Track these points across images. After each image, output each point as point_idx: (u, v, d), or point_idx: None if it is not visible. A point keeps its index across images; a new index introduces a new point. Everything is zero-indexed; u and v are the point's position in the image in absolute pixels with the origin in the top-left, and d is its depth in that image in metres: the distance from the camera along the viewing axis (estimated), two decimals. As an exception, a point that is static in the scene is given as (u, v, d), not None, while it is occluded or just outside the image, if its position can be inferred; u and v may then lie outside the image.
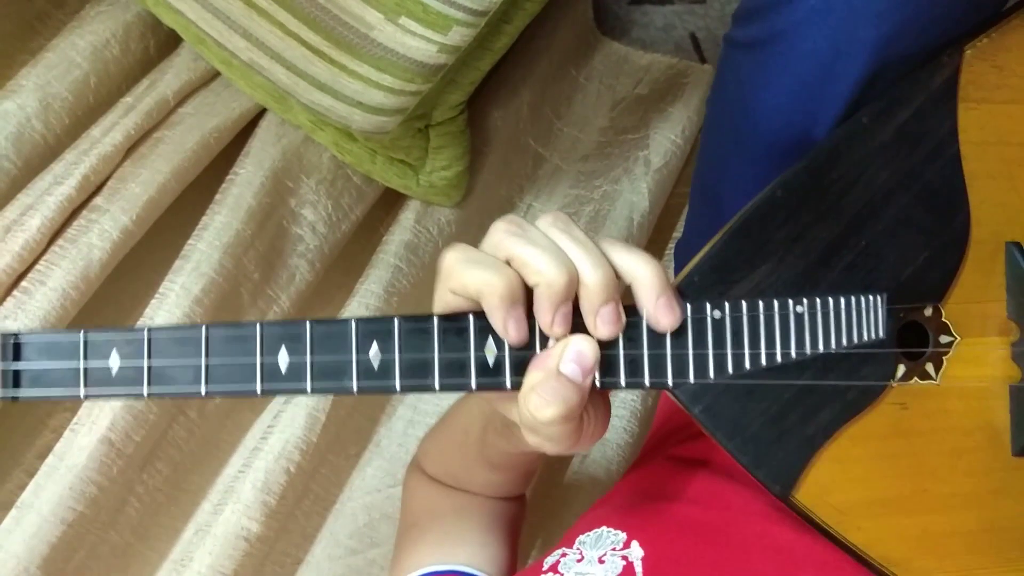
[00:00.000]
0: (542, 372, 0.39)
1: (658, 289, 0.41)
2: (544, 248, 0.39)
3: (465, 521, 0.60)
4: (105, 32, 0.79)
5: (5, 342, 0.39)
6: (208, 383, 0.39)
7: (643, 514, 0.54)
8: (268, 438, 0.76)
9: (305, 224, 0.83)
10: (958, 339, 0.46)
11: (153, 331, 0.39)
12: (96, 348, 0.39)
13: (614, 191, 0.97)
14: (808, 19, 0.52)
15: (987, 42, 0.47)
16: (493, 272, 0.39)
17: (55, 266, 0.71)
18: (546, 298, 0.39)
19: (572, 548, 0.52)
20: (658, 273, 0.41)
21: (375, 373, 0.40)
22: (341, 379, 0.40)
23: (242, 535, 0.72)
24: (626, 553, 0.50)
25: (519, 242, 0.40)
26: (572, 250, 0.40)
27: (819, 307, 0.43)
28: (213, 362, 0.39)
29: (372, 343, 0.40)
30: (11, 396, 0.39)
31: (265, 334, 0.40)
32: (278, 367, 0.39)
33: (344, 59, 0.72)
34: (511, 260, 0.40)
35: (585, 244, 0.40)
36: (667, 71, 1.04)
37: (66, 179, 0.73)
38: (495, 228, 0.41)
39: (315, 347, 0.40)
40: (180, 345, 0.39)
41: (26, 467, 0.72)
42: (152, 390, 0.39)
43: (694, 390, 0.42)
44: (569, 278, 0.39)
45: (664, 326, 0.41)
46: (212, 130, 0.80)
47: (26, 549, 0.65)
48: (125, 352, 0.39)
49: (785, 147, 0.57)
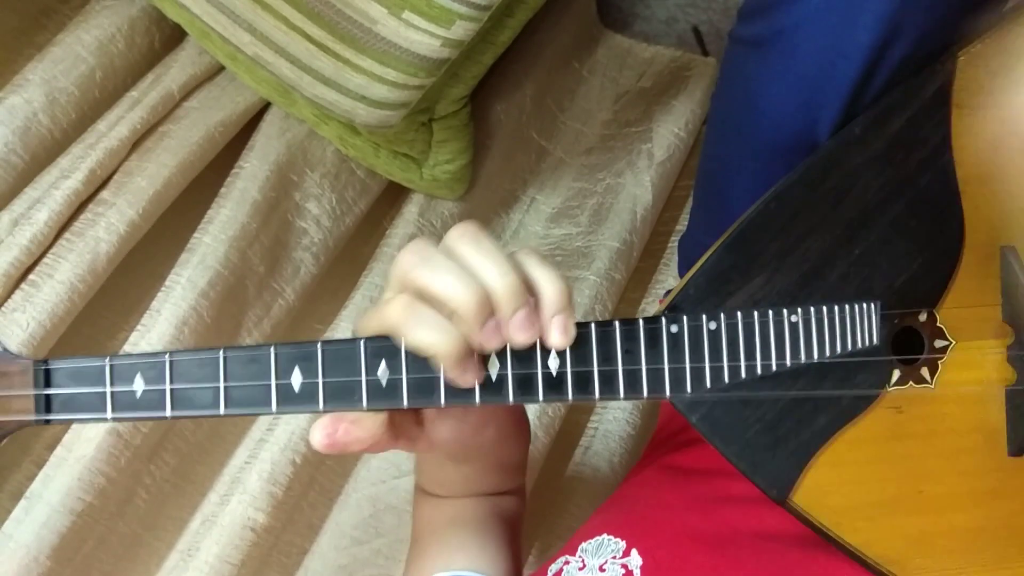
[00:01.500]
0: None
1: (556, 307, 0.41)
2: (447, 271, 0.39)
3: (460, 529, 0.61)
4: (110, 27, 0.79)
5: (36, 368, 0.41)
6: (227, 406, 0.41)
7: (643, 522, 0.55)
8: (274, 429, 0.77)
9: (309, 217, 0.84)
10: (953, 343, 0.46)
11: (174, 355, 0.41)
12: (121, 373, 0.41)
13: (617, 184, 0.97)
14: (812, 18, 0.53)
15: (981, 47, 0.48)
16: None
17: (62, 259, 0.72)
18: (465, 322, 0.39)
19: (575, 556, 0.53)
20: (561, 292, 0.41)
21: (383, 392, 0.41)
22: (351, 399, 0.41)
23: (249, 525, 0.73)
24: (626, 561, 0.51)
25: (423, 273, 0.40)
26: (478, 262, 0.40)
27: (813, 315, 0.44)
28: (231, 384, 0.41)
29: (380, 363, 0.41)
30: (44, 420, 0.41)
31: (279, 355, 0.41)
32: (292, 388, 0.41)
33: (348, 53, 0.73)
34: (421, 293, 0.40)
35: (491, 254, 0.40)
36: (670, 64, 1.04)
37: (73, 173, 0.73)
38: (397, 262, 0.41)
39: (326, 368, 0.41)
40: (200, 368, 0.41)
41: (35, 458, 0.73)
42: (175, 413, 0.41)
43: (691, 399, 0.43)
44: (478, 296, 0.39)
45: (554, 343, 0.41)
46: (217, 124, 0.80)
47: (36, 539, 0.66)
48: (149, 376, 0.41)
49: (788, 143, 0.57)
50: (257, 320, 0.80)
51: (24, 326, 0.68)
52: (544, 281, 0.41)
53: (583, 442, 0.87)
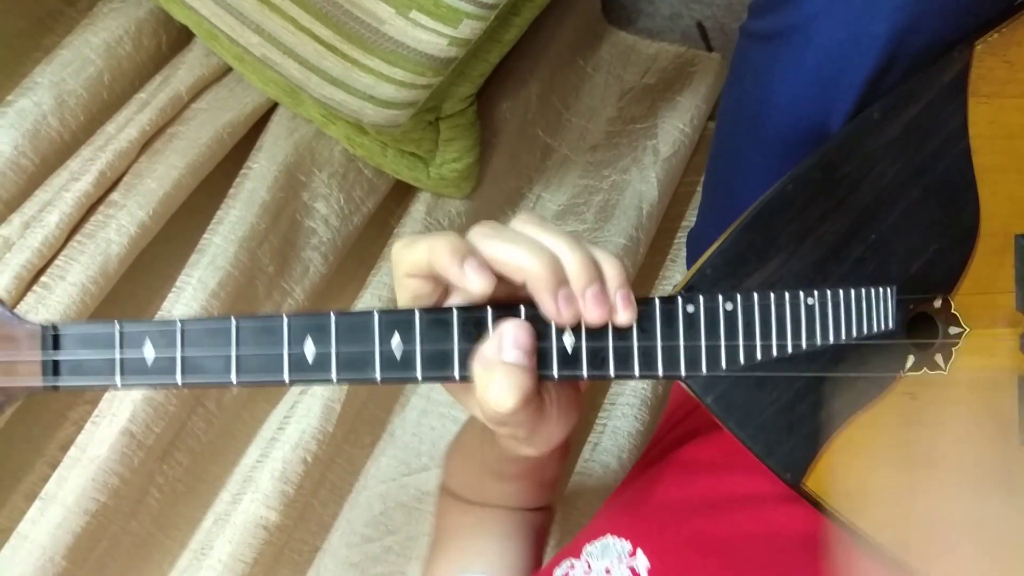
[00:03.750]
0: (487, 368, 0.40)
1: (619, 282, 0.42)
2: (520, 243, 0.40)
3: (483, 534, 0.61)
4: (118, 29, 0.79)
5: (45, 333, 0.40)
6: (239, 373, 0.40)
7: (649, 522, 0.54)
8: (285, 428, 0.77)
9: (318, 217, 0.84)
10: (967, 330, 0.47)
11: (185, 322, 0.40)
12: (131, 339, 0.40)
13: (623, 181, 0.97)
14: (824, 12, 0.53)
15: (998, 37, 0.48)
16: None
17: (74, 261, 0.72)
18: (540, 289, 0.40)
19: (579, 559, 0.53)
20: (621, 269, 0.42)
21: (397, 364, 0.41)
22: (365, 369, 0.41)
23: (261, 524, 0.73)
24: (632, 563, 0.51)
25: (496, 243, 0.41)
26: (547, 239, 0.41)
27: (830, 299, 0.44)
28: (243, 352, 0.40)
29: (394, 334, 0.41)
30: (52, 385, 0.40)
31: (292, 325, 0.40)
32: (305, 358, 0.40)
33: (356, 53, 0.73)
34: (492, 264, 0.40)
35: (559, 233, 0.41)
36: (675, 60, 1.04)
37: (83, 175, 0.74)
38: (471, 235, 0.41)
39: (339, 338, 0.41)
40: (211, 336, 0.40)
41: (48, 459, 0.74)
42: (186, 380, 0.40)
43: (706, 380, 0.43)
44: (551, 264, 0.40)
45: (621, 320, 0.42)
46: (225, 125, 0.80)
47: (51, 539, 0.66)
48: (159, 343, 0.40)
49: (800, 139, 0.57)
50: (267, 320, 0.81)
51: (37, 327, 0.68)
52: (603, 260, 0.42)
53: (591, 439, 0.87)
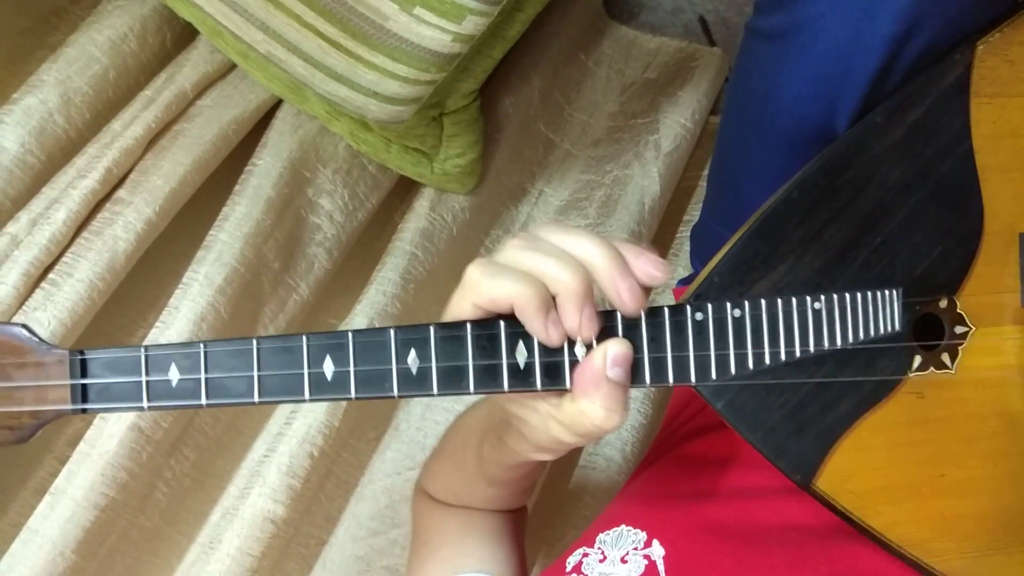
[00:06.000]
0: (594, 386, 0.41)
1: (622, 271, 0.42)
2: (556, 256, 0.41)
3: (471, 535, 0.62)
4: (122, 26, 0.79)
5: (72, 359, 0.41)
6: (261, 394, 0.41)
7: (662, 512, 0.55)
8: (292, 423, 0.78)
9: (322, 213, 0.85)
10: (973, 329, 0.47)
11: (208, 344, 0.41)
12: (156, 363, 0.41)
13: (625, 175, 0.98)
14: (830, 11, 0.53)
15: (999, 37, 0.48)
16: (525, 284, 0.40)
17: (81, 258, 0.72)
18: (569, 303, 0.41)
19: (593, 548, 0.54)
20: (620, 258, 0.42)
21: (414, 380, 0.42)
22: (382, 386, 0.42)
23: (268, 517, 0.74)
24: (648, 552, 0.51)
25: (532, 255, 0.41)
26: (578, 244, 0.41)
27: (836, 303, 0.45)
28: (264, 373, 0.41)
29: (410, 351, 0.42)
30: (81, 409, 0.41)
31: (311, 345, 0.41)
32: (324, 376, 0.41)
33: (360, 50, 0.73)
34: (529, 274, 0.41)
35: (587, 234, 0.42)
36: (676, 55, 1.04)
37: (89, 172, 0.74)
38: (508, 246, 0.42)
39: (357, 357, 0.42)
40: (233, 358, 0.41)
41: (57, 454, 0.74)
42: (210, 401, 0.41)
43: (717, 386, 0.44)
44: (584, 280, 0.41)
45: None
46: (230, 122, 0.81)
47: (61, 533, 0.67)
48: (183, 366, 0.41)
49: (806, 136, 0.58)
50: (272, 315, 0.81)
51: (45, 324, 0.68)
52: (625, 250, 0.42)
53: (595, 432, 0.88)
